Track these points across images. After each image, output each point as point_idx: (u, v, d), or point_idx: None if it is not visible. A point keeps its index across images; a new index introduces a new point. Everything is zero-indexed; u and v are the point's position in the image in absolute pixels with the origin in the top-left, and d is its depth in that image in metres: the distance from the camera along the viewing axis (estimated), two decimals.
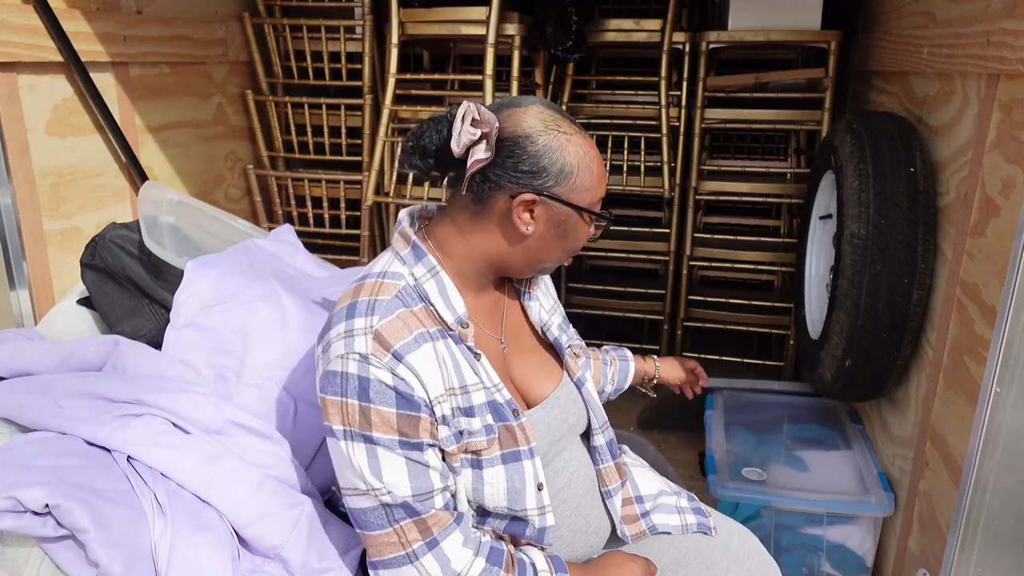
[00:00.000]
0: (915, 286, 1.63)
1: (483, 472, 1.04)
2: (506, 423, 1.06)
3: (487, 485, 1.04)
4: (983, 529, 1.28)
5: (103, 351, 1.32)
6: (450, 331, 1.06)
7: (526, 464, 1.06)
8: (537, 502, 1.07)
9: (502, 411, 1.06)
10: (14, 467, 1.01)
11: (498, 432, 1.05)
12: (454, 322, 1.06)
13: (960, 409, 1.43)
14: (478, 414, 1.04)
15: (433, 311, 1.06)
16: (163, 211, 1.68)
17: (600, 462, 1.22)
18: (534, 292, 1.23)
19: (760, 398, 2.35)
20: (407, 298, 1.04)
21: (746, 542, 1.29)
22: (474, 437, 1.03)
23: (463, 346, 1.07)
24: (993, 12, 1.41)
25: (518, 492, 1.06)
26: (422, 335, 1.02)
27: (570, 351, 1.24)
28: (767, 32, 2.49)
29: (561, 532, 1.16)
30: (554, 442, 1.14)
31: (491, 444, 1.04)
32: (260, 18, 2.48)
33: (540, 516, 1.08)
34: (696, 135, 2.63)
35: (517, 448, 1.06)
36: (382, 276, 1.06)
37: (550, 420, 1.14)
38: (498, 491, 1.05)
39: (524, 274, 1.14)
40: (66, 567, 0.97)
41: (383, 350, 0.98)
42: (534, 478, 1.07)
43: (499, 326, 1.17)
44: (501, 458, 1.05)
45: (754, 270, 2.88)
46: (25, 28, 1.56)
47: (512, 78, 2.32)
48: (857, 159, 1.72)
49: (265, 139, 2.57)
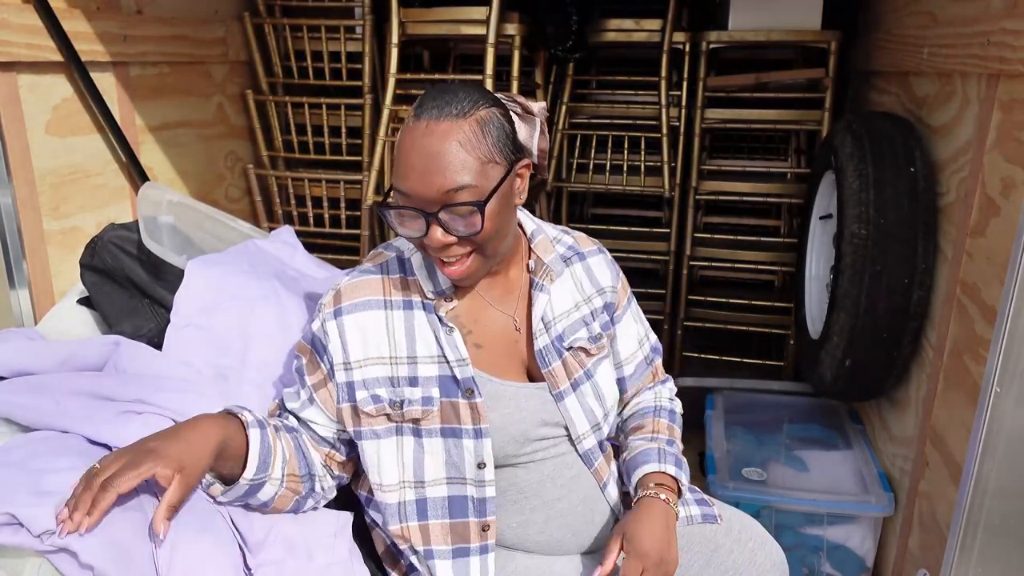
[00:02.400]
0: (915, 286, 1.63)
1: (422, 441, 1.13)
2: (451, 399, 1.11)
3: (426, 454, 1.13)
4: (983, 529, 1.28)
5: (103, 351, 1.32)
6: (428, 300, 1.14)
7: (467, 443, 1.12)
8: (476, 476, 1.13)
9: (451, 387, 1.11)
10: (13, 470, 1.01)
11: (440, 406, 1.12)
12: (433, 293, 1.13)
13: (960, 409, 1.43)
14: (421, 385, 1.11)
15: (416, 282, 1.15)
16: (162, 211, 1.68)
17: (592, 464, 1.22)
18: (548, 286, 1.19)
19: (760, 398, 2.35)
20: (389, 267, 1.16)
21: (748, 525, 1.29)
22: (412, 406, 1.11)
23: (434, 316, 1.12)
24: (993, 12, 1.41)
25: (455, 464, 1.13)
26: (375, 302, 1.13)
27: (570, 355, 1.19)
28: (767, 32, 2.49)
29: (567, 521, 1.17)
30: (526, 431, 1.15)
31: (426, 415, 1.12)
32: (260, 18, 2.48)
33: (478, 488, 1.13)
34: (696, 135, 2.63)
35: (459, 426, 1.11)
36: (384, 247, 1.21)
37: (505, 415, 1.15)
38: (437, 461, 1.13)
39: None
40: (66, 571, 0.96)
41: (332, 304, 1.13)
42: (475, 456, 1.12)
43: (512, 307, 1.19)
44: (440, 431, 1.12)
45: (754, 270, 2.88)
46: (25, 28, 1.56)
47: (512, 78, 2.32)
48: (857, 159, 1.72)
49: (265, 139, 2.57)
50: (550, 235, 1.25)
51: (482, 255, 1.07)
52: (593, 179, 2.89)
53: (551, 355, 1.18)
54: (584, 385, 1.21)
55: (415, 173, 0.99)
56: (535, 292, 1.18)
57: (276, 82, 2.57)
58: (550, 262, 1.19)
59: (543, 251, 1.20)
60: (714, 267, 2.88)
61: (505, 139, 1.05)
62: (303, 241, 1.82)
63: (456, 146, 0.99)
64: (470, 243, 1.04)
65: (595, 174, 2.89)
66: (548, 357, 1.18)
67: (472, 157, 1.00)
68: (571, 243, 1.28)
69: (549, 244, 1.22)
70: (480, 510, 1.13)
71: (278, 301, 1.43)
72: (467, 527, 1.14)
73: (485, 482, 1.13)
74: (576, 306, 1.23)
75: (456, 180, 0.99)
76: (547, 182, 2.81)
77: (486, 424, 1.11)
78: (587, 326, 1.23)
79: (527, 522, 1.17)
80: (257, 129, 2.54)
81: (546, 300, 1.18)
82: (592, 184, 2.89)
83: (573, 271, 1.24)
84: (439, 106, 1.01)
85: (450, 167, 0.99)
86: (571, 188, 2.96)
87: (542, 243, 1.21)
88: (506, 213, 1.07)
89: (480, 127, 1.02)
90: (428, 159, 0.99)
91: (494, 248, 1.08)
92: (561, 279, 1.22)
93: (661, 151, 2.66)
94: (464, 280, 1.09)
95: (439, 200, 1.00)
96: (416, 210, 1.01)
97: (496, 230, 1.05)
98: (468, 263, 1.06)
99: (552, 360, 1.18)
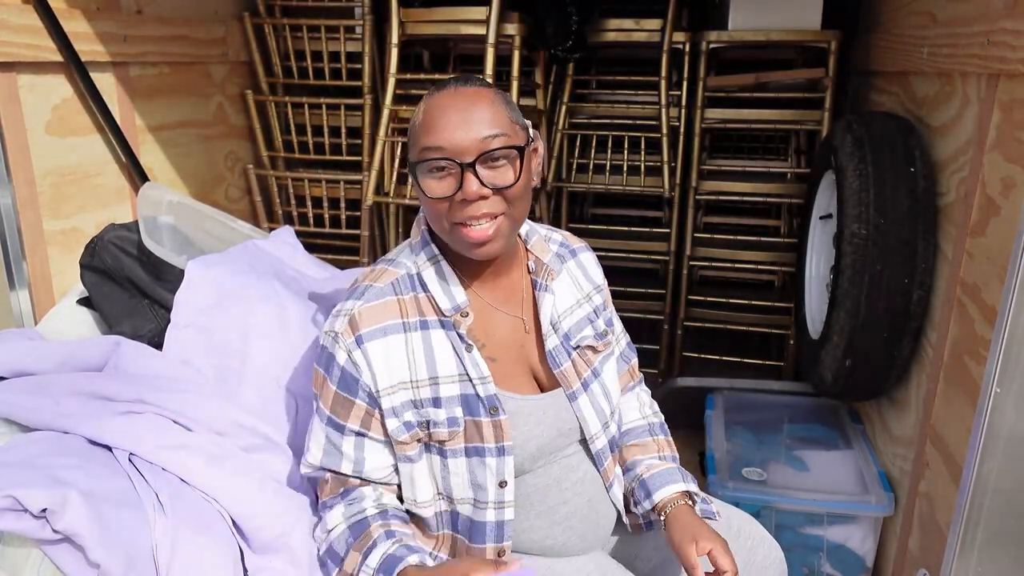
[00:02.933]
0: (915, 286, 1.63)
1: (447, 461, 1.11)
2: (475, 418, 1.10)
3: (452, 474, 1.11)
4: (983, 529, 1.28)
5: (104, 351, 1.32)
6: (444, 317, 1.10)
7: (489, 461, 1.10)
8: (496, 497, 1.11)
9: (475, 405, 1.10)
10: (14, 467, 1.01)
11: (464, 426, 1.10)
12: (450, 309, 1.10)
13: (960, 409, 1.43)
14: (445, 406, 1.09)
15: (430, 299, 1.11)
16: (162, 212, 1.68)
17: (602, 463, 1.23)
18: (551, 285, 1.19)
19: (760, 398, 2.35)
20: (401, 286, 1.12)
21: (748, 525, 1.30)
22: (438, 428, 1.09)
23: (454, 334, 1.10)
24: (993, 12, 1.41)
25: (479, 485, 1.11)
26: (395, 326, 1.10)
27: (577, 354, 1.20)
28: (767, 32, 2.49)
29: (572, 524, 1.17)
30: (543, 445, 1.15)
31: (453, 436, 1.10)
32: (260, 18, 2.48)
33: (498, 510, 1.12)
34: (696, 135, 2.63)
35: (482, 445, 1.10)
36: (388, 263, 1.16)
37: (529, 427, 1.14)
38: (462, 481, 1.11)
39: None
40: (66, 568, 0.97)
41: (351, 332, 1.08)
42: (496, 475, 1.10)
43: (519, 309, 1.19)
44: (464, 451, 1.11)
45: (754, 270, 2.88)
46: (25, 28, 1.56)
47: (512, 78, 2.32)
48: (857, 159, 1.72)
49: (265, 139, 2.57)
50: (543, 234, 1.26)
51: (510, 219, 1.06)
52: (593, 179, 2.89)
53: (561, 355, 1.18)
54: (593, 384, 1.21)
55: (451, 125, 1.01)
56: (539, 293, 1.18)
57: (276, 82, 2.57)
58: (549, 261, 1.19)
59: (540, 251, 1.20)
60: (714, 267, 2.88)
61: (522, 118, 1.09)
62: (303, 241, 1.82)
63: (488, 101, 1.04)
64: (501, 201, 1.04)
65: (595, 174, 2.89)
66: (559, 357, 1.18)
67: (503, 113, 1.05)
68: (561, 240, 1.29)
69: (544, 244, 1.22)
70: (498, 535, 1.13)
71: (278, 301, 1.43)
72: (484, 552, 1.14)
73: (505, 503, 1.12)
74: (578, 303, 1.24)
75: (491, 129, 1.02)
76: (547, 182, 2.81)
77: (509, 442, 1.10)
78: (592, 323, 1.23)
79: (530, 528, 1.17)
80: (257, 129, 2.54)
81: (551, 300, 1.18)
82: (592, 184, 2.89)
83: (568, 268, 1.25)
84: (463, 80, 1.06)
85: (483, 118, 1.02)
86: (571, 188, 2.96)
87: (538, 243, 1.22)
88: (530, 177, 1.09)
89: (505, 97, 1.08)
90: (463, 112, 1.02)
91: (521, 211, 1.08)
92: (560, 277, 1.22)
93: (661, 151, 2.66)
94: (487, 247, 1.05)
95: (476, 149, 1.01)
96: (451, 160, 1.02)
97: (527, 187, 1.07)
98: (496, 225, 1.04)
99: (563, 360, 1.18)
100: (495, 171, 1.03)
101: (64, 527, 0.94)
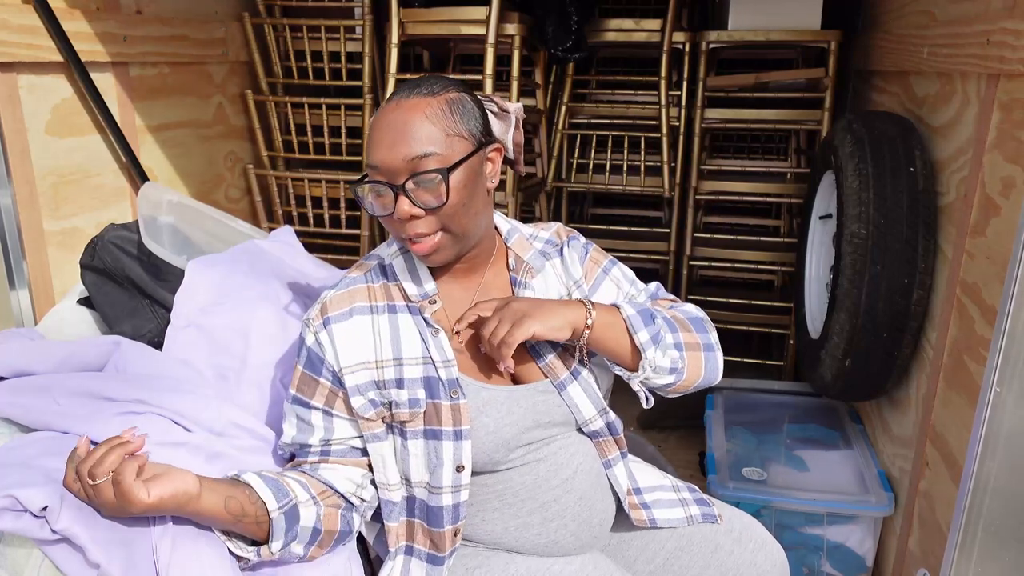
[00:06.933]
0: (915, 286, 1.63)
1: (407, 442, 1.13)
2: (435, 401, 1.11)
3: (411, 455, 1.13)
4: (983, 529, 1.28)
5: (104, 351, 1.32)
6: (412, 303, 1.14)
7: (446, 444, 1.11)
8: (453, 481, 1.12)
9: (436, 388, 1.11)
10: (14, 467, 1.01)
11: (425, 407, 1.11)
12: (418, 296, 1.14)
13: (960, 409, 1.43)
14: (407, 387, 1.11)
15: (399, 287, 1.15)
16: (162, 212, 1.68)
17: (599, 437, 1.23)
18: (530, 282, 1.20)
19: (760, 398, 2.35)
20: (372, 275, 1.17)
21: (748, 525, 1.29)
22: (399, 408, 1.11)
23: (420, 318, 1.14)
24: (993, 12, 1.41)
25: (435, 468, 1.12)
26: (362, 308, 1.13)
27: (563, 346, 1.19)
28: (767, 32, 2.49)
29: (565, 522, 1.17)
30: (516, 435, 1.14)
31: (414, 417, 1.12)
32: (260, 18, 2.48)
33: (454, 493, 1.13)
34: (696, 135, 2.64)
35: (440, 428, 1.11)
36: (367, 258, 1.22)
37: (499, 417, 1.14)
38: (420, 463, 1.13)
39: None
40: (66, 568, 0.97)
41: (319, 316, 1.13)
42: (453, 460, 1.11)
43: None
44: (423, 433, 1.12)
45: (754, 270, 2.89)
46: (25, 28, 1.56)
47: (512, 78, 2.32)
48: (857, 159, 1.72)
49: (265, 139, 2.57)
50: (525, 233, 1.26)
51: (450, 233, 1.07)
52: (593, 179, 2.89)
53: (544, 348, 1.18)
54: (584, 371, 1.21)
55: (384, 144, 1.03)
56: (517, 290, 1.19)
57: (276, 82, 2.57)
58: (529, 259, 1.21)
59: (521, 249, 1.22)
60: (714, 267, 2.88)
61: (474, 122, 1.08)
62: (303, 241, 1.82)
63: (422, 117, 1.03)
64: (437, 220, 1.05)
65: (595, 174, 2.89)
66: (542, 350, 1.18)
67: (437, 128, 1.03)
68: (548, 237, 1.28)
69: (526, 242, 1.24)
70: (454, 516, 1.14)
71: (278, 301, 1.44)
72: (443, 536, 1.14)
73: (461, 486, 1.13)
74: (562, 298, 1.23)
75: (420, 148, 1.01)
76: (547, 181, 2.81)
77: (467, 426, 1.11)
78: None
79: (524, 525, 1.17)
80: (257, 129, 2.54)
81: (530, 296, 1.19)
82: (592, 184, 2.89)
83: (553, 265, 1.25)
84: (410, 87, 1.06)
85: (415, 136, 1.02)
86: (571, 188, 2.96)
87: (519, 242, 1.23)
88: (473, 189, 1.07)
89: (448, 105, 1.05)
90: (395, 131, 1.02)
91: (461, 226, 1.07)
92: (543, 274, 1.23)
93: (661, 151, 2.66)
94: (432, 258, 1.08)
95: (406, 169, 1.02)
96: (383, 183, 1.04)
97: (462, 204, 1.06)
98: (435, 241, 1.07)
99: (546, 353, 1.18)
100: (428, 191, 1.03)
101: (63, 527, 0.94)
